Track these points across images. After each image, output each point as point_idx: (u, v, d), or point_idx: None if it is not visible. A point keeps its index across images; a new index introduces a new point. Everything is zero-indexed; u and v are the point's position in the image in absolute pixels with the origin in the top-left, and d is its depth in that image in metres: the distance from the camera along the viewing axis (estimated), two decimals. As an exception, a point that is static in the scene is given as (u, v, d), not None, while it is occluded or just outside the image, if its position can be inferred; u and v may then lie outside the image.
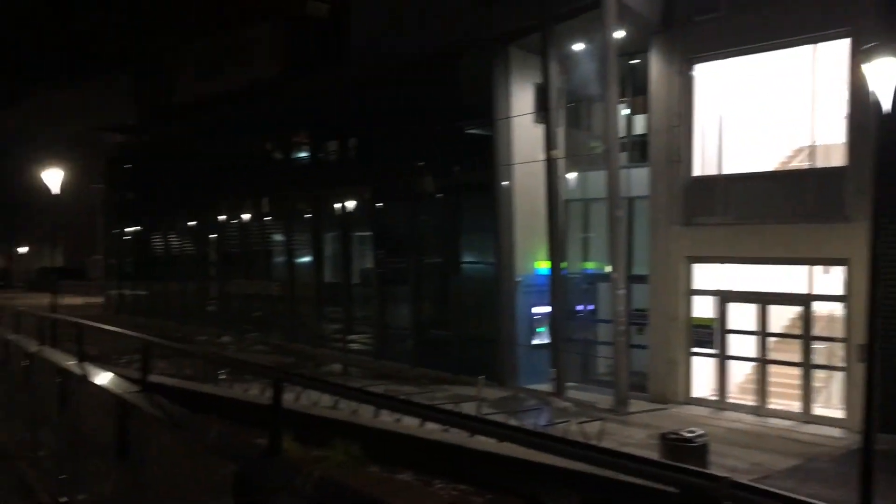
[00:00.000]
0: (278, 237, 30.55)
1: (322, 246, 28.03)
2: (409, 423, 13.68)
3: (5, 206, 68.39)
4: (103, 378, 5.55)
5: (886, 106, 8.71)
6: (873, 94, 8.87)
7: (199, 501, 3.81)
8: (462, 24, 21.21)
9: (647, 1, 17.81)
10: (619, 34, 17.66)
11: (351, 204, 26.38)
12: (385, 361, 23.65)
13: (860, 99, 13.78)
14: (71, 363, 6.42)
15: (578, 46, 19.49)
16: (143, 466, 4.42)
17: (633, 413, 16.49)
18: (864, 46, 9.05)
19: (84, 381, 5.77)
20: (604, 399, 17.52)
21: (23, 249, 73.90)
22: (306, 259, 28.83)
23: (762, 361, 16.80)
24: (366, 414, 13.51)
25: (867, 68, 8.63)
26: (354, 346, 26.01)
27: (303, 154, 29.77)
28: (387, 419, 13.00)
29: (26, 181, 51.32)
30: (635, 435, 14.34)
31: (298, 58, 29.57)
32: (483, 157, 21.21)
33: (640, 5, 17.70)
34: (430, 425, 12.13)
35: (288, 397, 9.93)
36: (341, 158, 27.65)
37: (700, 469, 2.32)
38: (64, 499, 5.82)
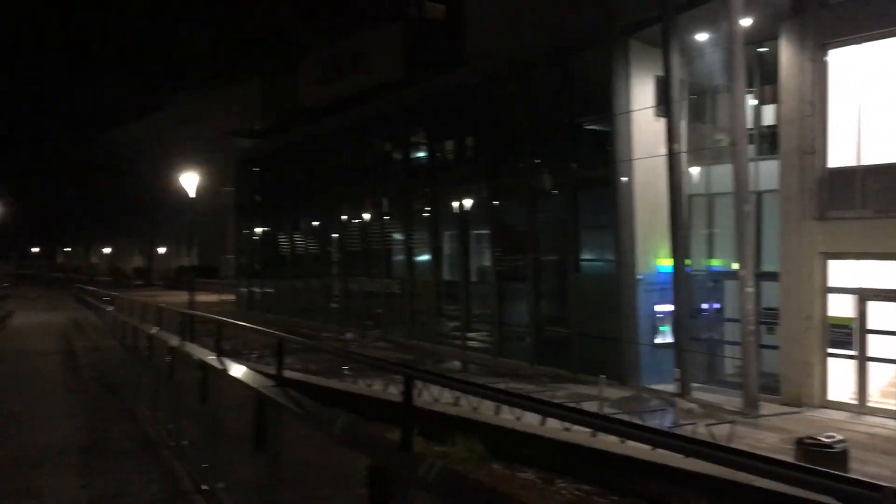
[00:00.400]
0: (398, 236, 31.13)
1: (440, 244, 28.34)
2: (530, 421, 13.72)
3: (146, 208, 72.83)
4: (240, 372, 5.81)
5: None
6: None
7: (332, 492, 3.93)
8: (579, 18, 20.93)
9: (778, -15, 17.02)
10: (746, 21, 16.97)
11: (469, 202, 26.55)
12: (503, 359, 23.68)
13: None
14: (210, 357, 6.76)
15: (701, 36, 18.84)
16: (278, 457, 4.59)
17: (763, 416, 15.80)
18: None
19: (223, 374, 6.06)
20: (731, 401, 16.87)
21: (161, 249, 78.54)
22: (425, 257, 29.24)
23: (906, 364, 15.74)
24: (486, 411, 13.64)
25: None
26: (473, 343, 26.16)
27: (421, 154, 30.23)
28: (507, 417, 13.09)
29: (164, 183, 54.57)
30: (767, 439, 13.73)
31: (418, 60, 30.01)
32: (602, 152, 20.90)
33: (770, -10, 16.93)
34: (551, 424, 12.16)
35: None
36: (459, 157, 27.91)
37: (858, 477, 2.18)
38: (205, 486, 6.13)
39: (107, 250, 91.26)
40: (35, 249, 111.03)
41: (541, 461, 11.13)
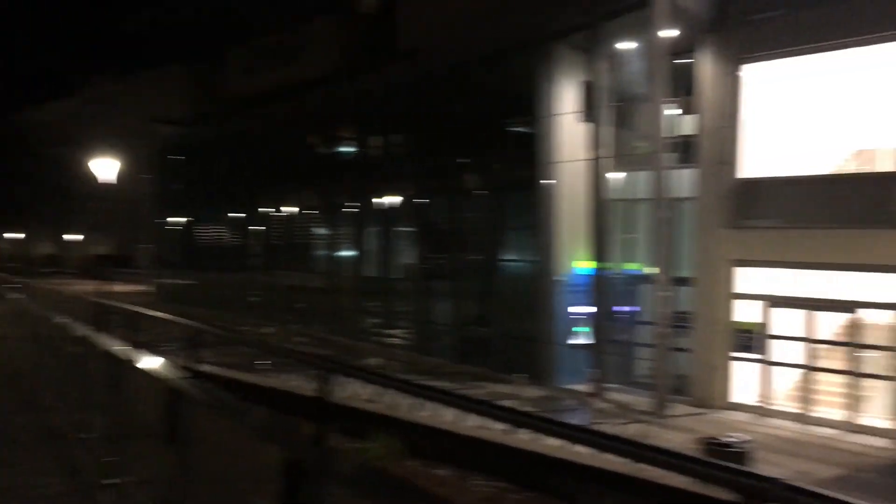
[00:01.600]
0: (322, 230, 30.86)
1: (365, 240, 28.24)
2: (446, 419, 13.78)
3: (55, 193, 70.02)
4: (152, 363, 5.68)
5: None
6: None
7: (246, 485, 3.88)
8: (509, 23, 21.16)
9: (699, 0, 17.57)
10: (669, 33, 17.47)
11: (395, 199, 26.53)
12: (425, 357, 23.76)
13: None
14: (121, 348, 6.58)
15: (627, 45, 19.31)
16: (190, 450, 4.51)
17: (672, 416, 16.32)
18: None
19: (133, 366, 5.91)
20: (643, 402, 17.35)
21: (74, 237, 75.63)
22: (349, 253, 29.09)
23: (808, 368, 16.50)
24: (404, 408, 13.69)
25: None
26: (395, 340, 26.15)
27: (348, 149, 30.02)
28: (424, 414, 13.17)
29: (79, 169, 52.57)
30: (675, 438, 14.16)
31: (349, 54, 29.81)
32: (527, 154, 21.18)
33: (692, 3, 17.48)
34: (468, 422, 12.28)
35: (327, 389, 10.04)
36: (387, 154, 27.85)
37: (753, 470, 2.30)
38: (111, 480, 5.97)
39: (17, 236, 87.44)
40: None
41: (457, 458, 11.23)
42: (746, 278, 17.62)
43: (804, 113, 16.99)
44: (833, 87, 16.44)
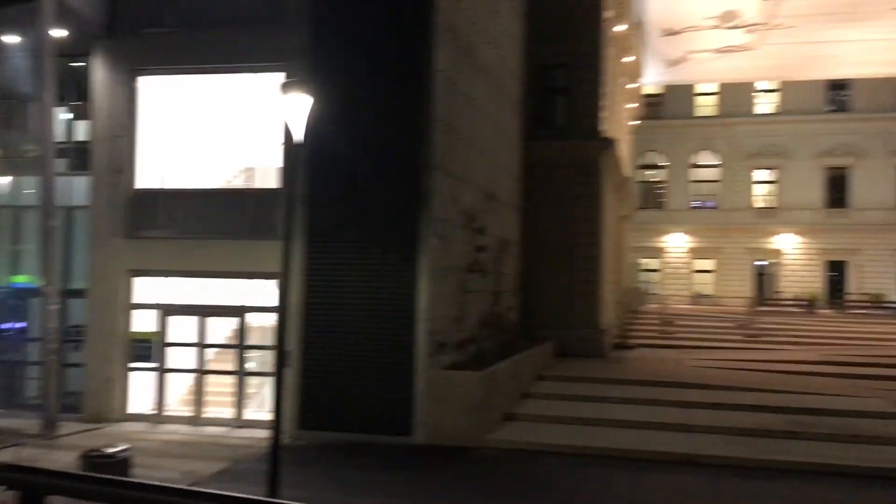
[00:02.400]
0: None
1: None
2: None
3: None
4: None
5: (297, 136, 9.86)
6: (288, 123, 9.97)
7: None
8: None
9: (92, 4, 17.09)
10: (61, 33, 16.63)
11: None
12: None
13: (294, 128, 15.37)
14: None
15: (12, 38, 17.74)
16: None
17: (63, 435, 15.49)
18: (284, 81, 10.12)
19: None
20: (32, 423, 16.08)
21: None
22: None
23: (199, 372, 17.35)
24: None
25: (281, 101, 9.65)
26: None
27: None
28: None
29: None
30: (63, 458, 13.46)
31: None
32: None
33: (83, 6, 16.90)
34: None
35: None
36: None
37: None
38: None
39: None
40: None
41: None
42: (144, 288, 17.73)
43: (197, 129, 17.85)
44: (221, 107, 17.62)
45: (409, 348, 15.32)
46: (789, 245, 50.23)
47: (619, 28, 30.96)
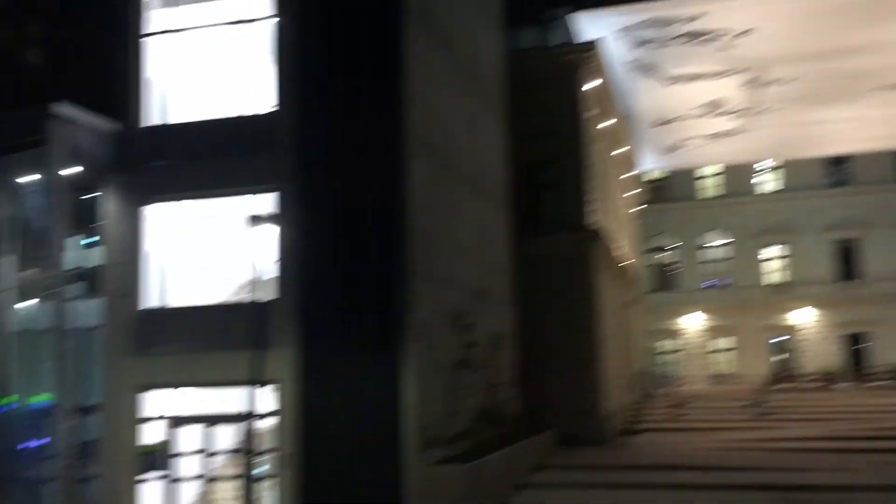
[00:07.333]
0: None
1: None
2: None
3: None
4: None
5: (265, 266, 11.09)
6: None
7: None
8: None
9: (100, 144, 18.87)
10: (72, 170, 18.35)
11: None
12: None
13: (284, 245, 16.83)
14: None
15: (31, 178, 19.51)
16: None
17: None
18: (252, 214, 11.44)
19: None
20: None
21: None
22: None
23: (206, 479, 18.22)
24: None
25: (251, 233, 10.94)
26: None
27: None
28: None
29: None
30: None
31: None
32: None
33: (93, 147, 18.68)
34: None
35: None
36: None
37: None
38: None
39: None
40: None
41: None
42: (153, 401, 18.81)
43: (200, 248, 19.29)
44: (223, 227, 19.03)
45: (397, 446, 16.12)
46: (805, 320, 50.31)
47: (606, 124, 32.53)
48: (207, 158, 18.52)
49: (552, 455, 22.85)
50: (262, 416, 18.20)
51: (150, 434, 18.57)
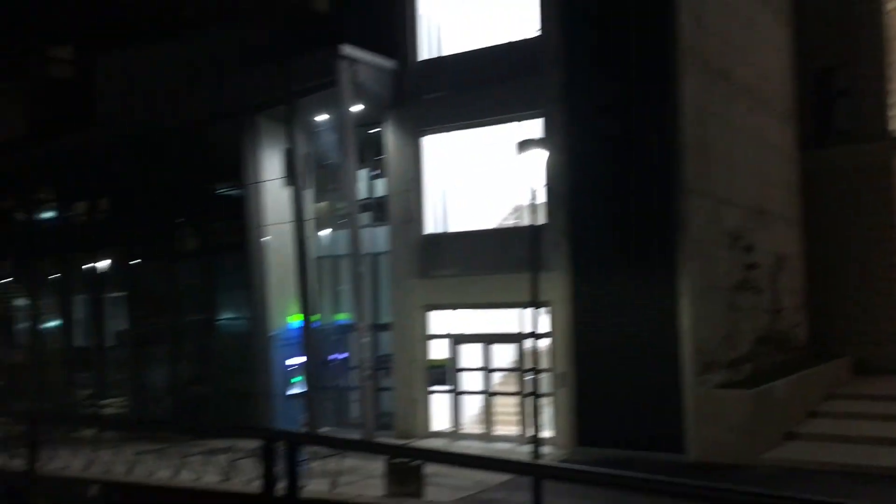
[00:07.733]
0: (21, 301, 29.21)
1: (71, 309, 27.30)
2: (161, 476, 14.50)
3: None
4: None
5: (537, 190, 11.23)
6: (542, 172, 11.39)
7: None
8: (211, 95, 22.29)
9: (380, 81, 20.10)
10: (357, 108, 19.78)
11: (103, 264, 26.12)
12: (141, 422, 23.54)
13: (551, 169, 16.92)
14: None
15: (322, 117, 21.35)
16: None
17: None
18: (520, 140, 11.61)
19: None
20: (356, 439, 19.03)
21: None
22: (54, 323, 27.87)
23: (487, 394, 19.31)
24: (119, 470, 14.21)
25: (521, 158, 11.13)
26: (109, 409, 25.51)
27: (49, 214, 28.89)
28: (140, 473, 13.82)
29: None
30: (380, 467, 15.98)
31: (41, 118, 28.88)
32: (237, 218, 22.28)
33: (374, 84, 19.94)
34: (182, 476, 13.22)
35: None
36: (92, 219, 27.28)
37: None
38: None
39: None
40: None
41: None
42: (436, 320, 20.18)
43: (472, 176, 20.05)
44: (493, 154, 19.58)
45: (675, 368, 15.88)
46: None
47: (910, 15, 28.36)
48: (477, 88, 19.03)
49: (845, 384, 21.19)
50: (537, 337, 18.83)
51: (437, 350, 19.97)
